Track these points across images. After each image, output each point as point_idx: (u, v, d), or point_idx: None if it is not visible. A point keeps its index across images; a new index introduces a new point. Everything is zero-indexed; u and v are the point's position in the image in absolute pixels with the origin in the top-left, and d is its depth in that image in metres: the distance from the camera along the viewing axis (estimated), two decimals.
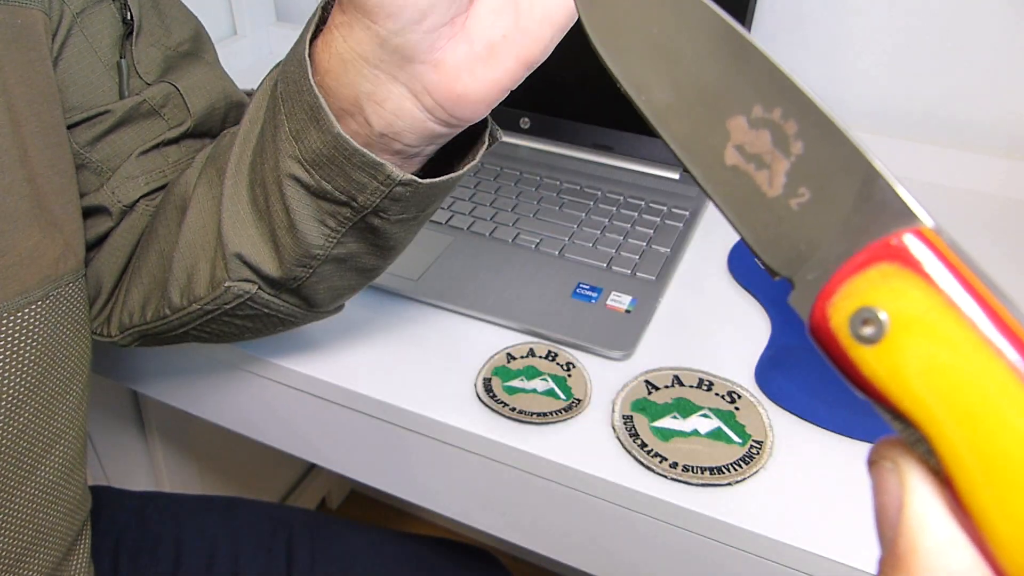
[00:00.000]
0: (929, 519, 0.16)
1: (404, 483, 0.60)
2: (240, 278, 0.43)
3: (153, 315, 0.48)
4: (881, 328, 0.16)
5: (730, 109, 0.19)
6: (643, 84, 0.20)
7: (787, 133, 0.18)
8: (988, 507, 0.15)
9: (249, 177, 0.42)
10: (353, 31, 0.34)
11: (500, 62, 0.34)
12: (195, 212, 0.45)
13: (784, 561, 0.47)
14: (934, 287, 0.16)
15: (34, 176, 0.42)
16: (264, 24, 1.08)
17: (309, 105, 0.36)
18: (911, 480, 0.16)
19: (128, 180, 0.48)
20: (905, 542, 0.16)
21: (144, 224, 0.50)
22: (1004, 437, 0.15)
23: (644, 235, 0.70)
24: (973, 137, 0.81)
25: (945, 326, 0.15)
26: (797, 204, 0.18)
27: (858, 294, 0.16)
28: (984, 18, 0.76)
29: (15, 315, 0.42)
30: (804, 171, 0.18)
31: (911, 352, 0.16)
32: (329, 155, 0.37)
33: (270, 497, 1.36)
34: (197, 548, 0.67)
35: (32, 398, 0.44)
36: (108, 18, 0.47)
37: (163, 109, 0.49)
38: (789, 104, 0.18)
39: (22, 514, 0.46)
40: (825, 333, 0.17)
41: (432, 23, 0.33)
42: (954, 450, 0.15)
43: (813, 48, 0.84)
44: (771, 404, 0.54)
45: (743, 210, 0.19)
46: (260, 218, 0.42)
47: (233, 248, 0.42)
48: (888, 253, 0.16)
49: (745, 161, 0.19)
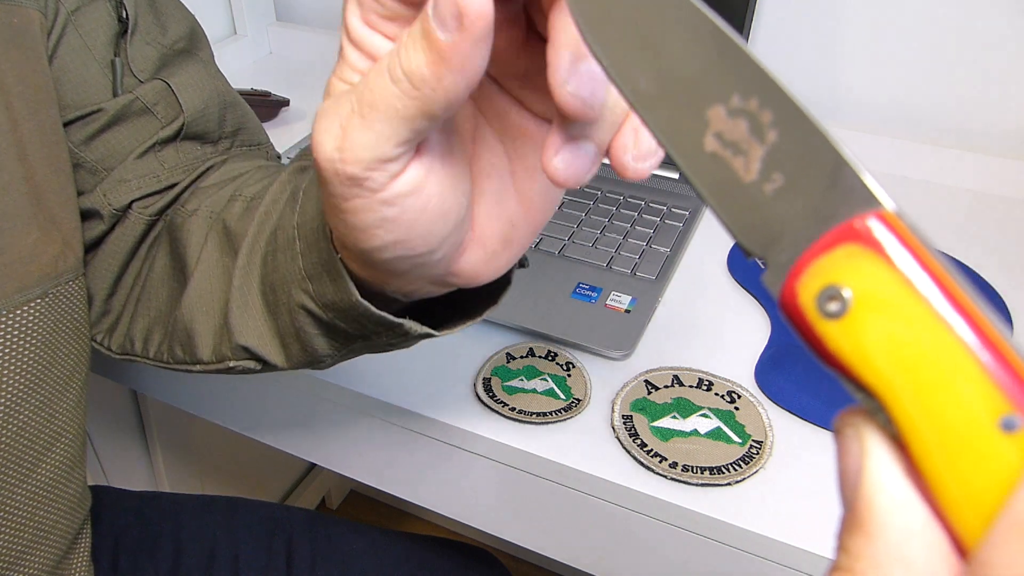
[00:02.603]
0: (886, 480, 0.17)
1: (404, 483, 0.60)
2: (244, 358, 0.42)
3: (155, 355, 0.47)
4: (845, 304, 0.17)
5: (710, 98, 0.20)
6: (628, 74, 0.21)
7: (762, 122, 0.19)
8: (939, 469, 0.16)
9: (261, 272, 0.40)
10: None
11: (516, 244, 0.33)
12: (203, 276, 0.43)
13: (784, 561, 0.47)
14: (893, 267, 0.17)
15: (32, 174, 0.42)
16: (264, 24, 1.08)
17: (325, 260, 0.35)
18: (870, 445, 0.17)
19: (120, 183, 0.48)
20: (863, 501, 0.17)
21: (138, 234, 0.48)
22: (954, 405, 0.16)
23: (644, 235, 0.70)
24: (974, 137, 0.81)
25: (902, 303, 0.17)
26: (771, 189, 0.19)
27: (824, 273, 0.18)
28: (984, 18, 0.76)
29: (14, 313, 0.42)
30: (778, 158, 0.19)
31: (872, 327, 0.17)
32: (345, 308, 0.35)
33: (270, 497, 1.36)
34: (197, 548, 0.67)
35: (32, 396, 0.44)
36: (103, 16, 0.47)
37: (156, 107, 0.49)
38: (764, 94, 0.19)
39: (22, 512, 0.46)
40: (794, 309, 0.18)
41: (442, 256, 0.31)
42: (909, 418, 0.16)
43: (813, 48, 0.84)
44: (771, 404, 0.54)
45: (721, 194, 0.20)
46: (270, 314, 0.40)
47: (239, 340, 0.41)
48: (852, 235, 0.18)
49: (723, 148, 0.20)
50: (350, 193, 0.27)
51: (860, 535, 0.17)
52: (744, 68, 0.19)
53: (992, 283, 0.64)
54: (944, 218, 0.74)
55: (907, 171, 0.80)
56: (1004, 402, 0.16)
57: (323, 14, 1.09)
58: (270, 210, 0.41)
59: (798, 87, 0.86)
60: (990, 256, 0.68)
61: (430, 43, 0.23)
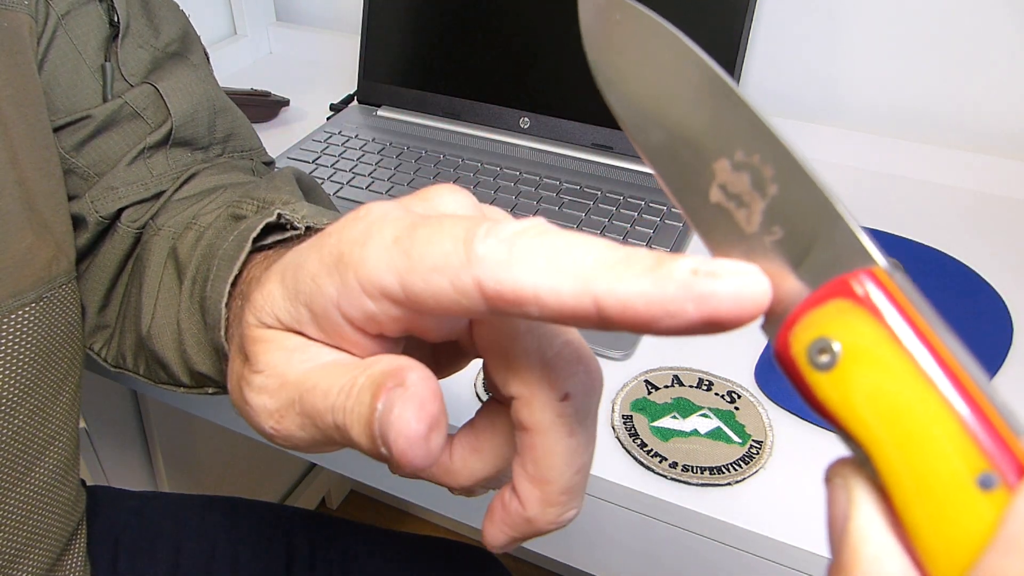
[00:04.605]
0: (870, 530, 0.17)
1: (404, 483, 0.60)
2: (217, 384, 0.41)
3: (145, 373, 0.47)
4: (835, 357, 0.18)
5: (716, 152, 0.20)
6: (641, 126, 0.22)
7: (764, 176, 0.20)
8: (919, 522, 0.17)
9: (200, 309, 0.39)
10: None
11: None
12: (163, 305, 0.43)
13: (784, 561, 0.47)
14: (881, 323, 0.18)
15: (24, 179, 0.42)
16: (264, 24, 1.08)
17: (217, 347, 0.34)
18: (857, 496, 0.18)
19: (108, 190, 0.47)
20: (849, 550, 0.18)
21: (126, 248, 0.48)
22: (934, 461, 0.17)
23: (644, 235, 0.70)
24: (974, 137, 0.81)
25: (888, 358, 0.17)
26: (771, 241, 0.20)
27: (816, 326, 0.18)
28: (984, 18, 0.76)
29: (9, 317, 0.42)
30: (778, 211, 0.20)
31: (859, 380, 0.17)
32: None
33: (270, 497, 1.36)
34: (197, 548, 0.67)
35: (27, 400, 0.44)
36: (94, 20, 0.47)
37: (145, 112, 0.48)
38: (767, 150, 0.20)
39: (17, 516, 0.46)
40: (787, 359, 0.19)
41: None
42: (892, 470, 0.17)
43: (813, 48, 0.84)
44: (771, 404, 0.54)
45: (724, 244, 0.21)
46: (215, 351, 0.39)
47: (197, 368, 0.40)
48: (844, 290, 0.18)
49: (727, 199, 0.20)
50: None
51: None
52: (749, 123, 0.20)
53: (992, 283, 0.64)
54: (944, 218, 0.74)
55: (907, 171, 0.80)
56: (982, 459, 0.16)
57: (323, 14, 1.09)
58: (204, 253, 0.40)
59: (798, 87, 0.86)
60: (990, 256, 0.68)
61: (371, 439, 0.22)
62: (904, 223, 0.72)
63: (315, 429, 0.23)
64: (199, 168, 0.50)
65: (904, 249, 0.69)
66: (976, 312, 0.62)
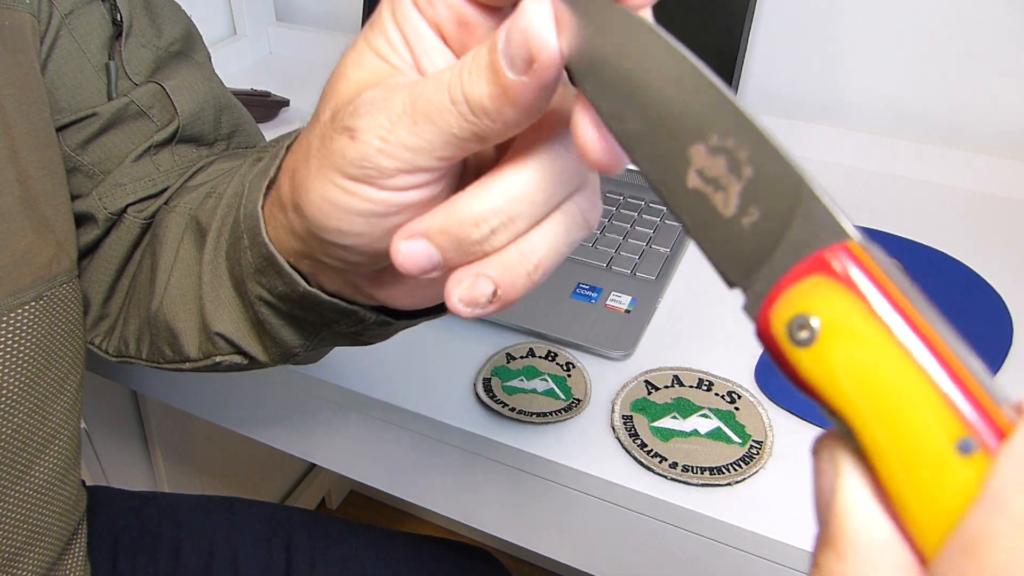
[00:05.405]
0: (856, 500, 0.18)
1: (404, 483, 0.60)
2: (230, 352, 0.42)
3: (148, 356, 0.47)
4: (814, 333, 0.18)
5: (692, 137, 0.21)
6: (618, 114, 0.22)
7: (739, 159, 0.20)
8: (902, 489, 0.17)
9: (227, 265, 0.40)
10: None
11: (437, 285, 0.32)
12: (181, 273, 0.43)
13: (784, 561, 0.47)
14: (857, 296, 0.18)
15: (25, 177, 0.42)
16: (264, 24, 1.08)
17: (266, 255, 0.34)
18: (843, 468, 0.18)
19: (116, 187, 0.47)
20: (836, 521, 0.18)
21: (133, 238, 0.48)
22: (914, 429, 0.17)
23: (644, 235, 0.70)
24: (974, 137, 0.81)
25: (866, 331, 0.18)
26: (748, 223, 0.20)
27: (795, 302, 0.19)
28: (984, 18, 0.76)
29: (8, 316, 0.42)
30: (754, 193, 0.20)
31: (838, 354, 0.18)
32: (296, 299, 0.35)
33: (270, 497, 1.36)
34: (196, 548, 0.67)
35: (27, 398, 0.44)
36: (97, 19, 0.47)
37: (151, 110, 0.48)
38: (740, 132, 0.20)
39: (16, 514, 0.46)
40: (768, 337, 0.19)
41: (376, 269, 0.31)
42: (874, 441, 0.17)
43: (813, 48, 0.84)
44: (771, 404, 0.54)
45: (703, 228, 0.21)
46: (243, 307, 0.39)
47: (215, 327, 0.41)
48: (820, 266, 0.19)
49: (704, 184, 0.21)
50: (362, 176, 0.26)
51: (832, 553, 0.18)
52: (722, 108, 0.20)
53: (992, 283, 0.64)
54: (944, 218, 0.74)
55: (907, 171, 0.80)
56: (960, 426, 0.17)
57: (323, 14, 1.09)
58: (231, 203, 0.40)
59: (798, 87, 0.86)
60: (990, 256, 0.68)
61: (496, 78, 0.23)
62: (904, 223, 0.72)
63: (428, 125, 0.24)
64: (205, 163, 0.50)
65: (904, 249, 0.69)
66: (976, 312, 0.62)
